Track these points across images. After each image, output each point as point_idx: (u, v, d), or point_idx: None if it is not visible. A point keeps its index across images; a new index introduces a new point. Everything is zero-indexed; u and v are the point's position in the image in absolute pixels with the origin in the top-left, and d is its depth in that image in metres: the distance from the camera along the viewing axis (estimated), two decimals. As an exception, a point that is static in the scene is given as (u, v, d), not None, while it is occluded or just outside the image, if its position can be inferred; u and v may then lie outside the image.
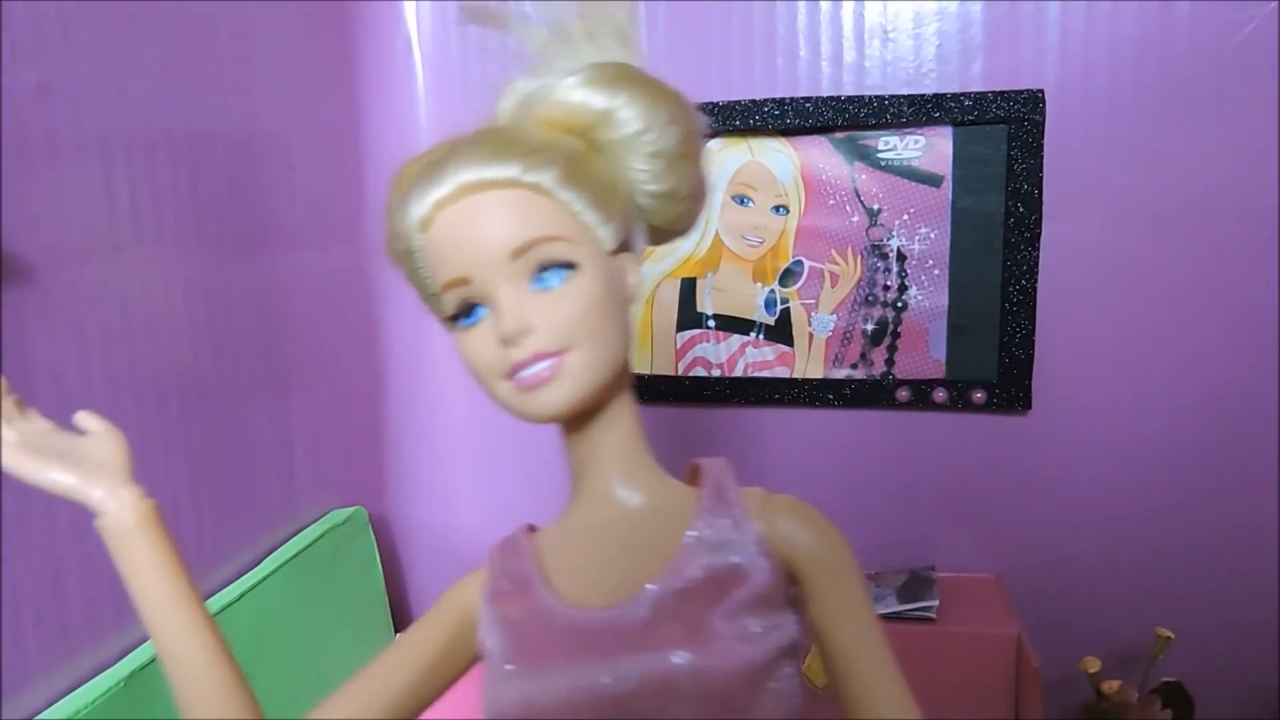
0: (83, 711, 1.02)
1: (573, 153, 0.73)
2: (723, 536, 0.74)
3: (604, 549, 0.77)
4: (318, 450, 1.61)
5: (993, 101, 1.49)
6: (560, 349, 0.70)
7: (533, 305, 0.70)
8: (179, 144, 1.27)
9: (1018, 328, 1.53)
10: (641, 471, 0.80)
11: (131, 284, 1.18)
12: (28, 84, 1.02)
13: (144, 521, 0.76)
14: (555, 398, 0.70)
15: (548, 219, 0.71)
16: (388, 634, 1.71)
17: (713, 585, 0.71)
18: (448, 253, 0.72)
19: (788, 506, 0.77)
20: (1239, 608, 1.51)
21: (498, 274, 0.70)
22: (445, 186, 0.71)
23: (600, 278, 0.73)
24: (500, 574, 0.80)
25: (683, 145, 0.77)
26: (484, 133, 0.74)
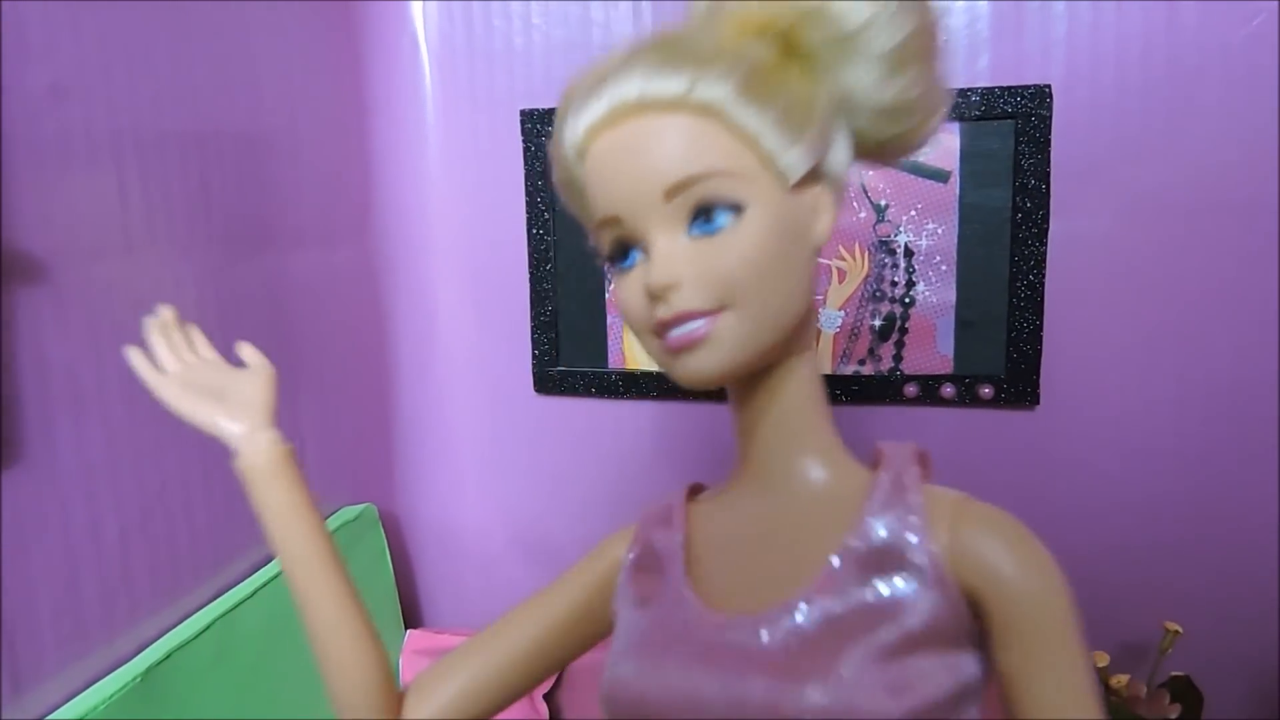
0: (100, 707, 1.03)
1: (758, 61, 0.60)
2: (890, 548, 0.60)
3: (756, 540, 0.67)
4: (328, 448, 1.62)
5: (1000, 97, 1.49)
6: (714, 307, 0.60)
7: (687, 253, 0.60)
8: (189, 143, 1.28)
9: (1025, 323, 1.53)
10: (813, 449, 0.68)
11: (144, 282, 1.19)
12: (41, 84, 1.03)
13: (277, 465, 0.76)
14: (705, 364, 0.61)
15: (715, 148, 0.59)
16: (398, 629, 1.72)
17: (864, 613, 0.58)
18: (600, 187, 0.63)
19: (989, 519, 0.61)
20: (1248, 602, 1.51)
21: (651, 215, 0.60)
22: (600, 107, 0.61)
23: (774, 221, 0.60)
24: (645, 544, 0.73)
25: (913, 43, 0.62)
26: (654, 40, 0.63)
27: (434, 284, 1.78)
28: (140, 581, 1.17)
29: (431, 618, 1.89)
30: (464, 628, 1.78)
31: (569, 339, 1.72)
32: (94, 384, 1.10)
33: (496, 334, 1.75)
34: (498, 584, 1.82)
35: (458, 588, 1.87)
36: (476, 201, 1.73)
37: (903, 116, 0.65)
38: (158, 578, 1.20)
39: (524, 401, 1.75)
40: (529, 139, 1.67)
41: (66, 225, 1.07)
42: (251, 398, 0.79)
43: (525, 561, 1.80)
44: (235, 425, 0.77)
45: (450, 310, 1.78)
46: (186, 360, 0.82)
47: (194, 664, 1.18)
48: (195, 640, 1.19)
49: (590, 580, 0.76)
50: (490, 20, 1.69)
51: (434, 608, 1.89)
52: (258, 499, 0.76)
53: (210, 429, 0.78)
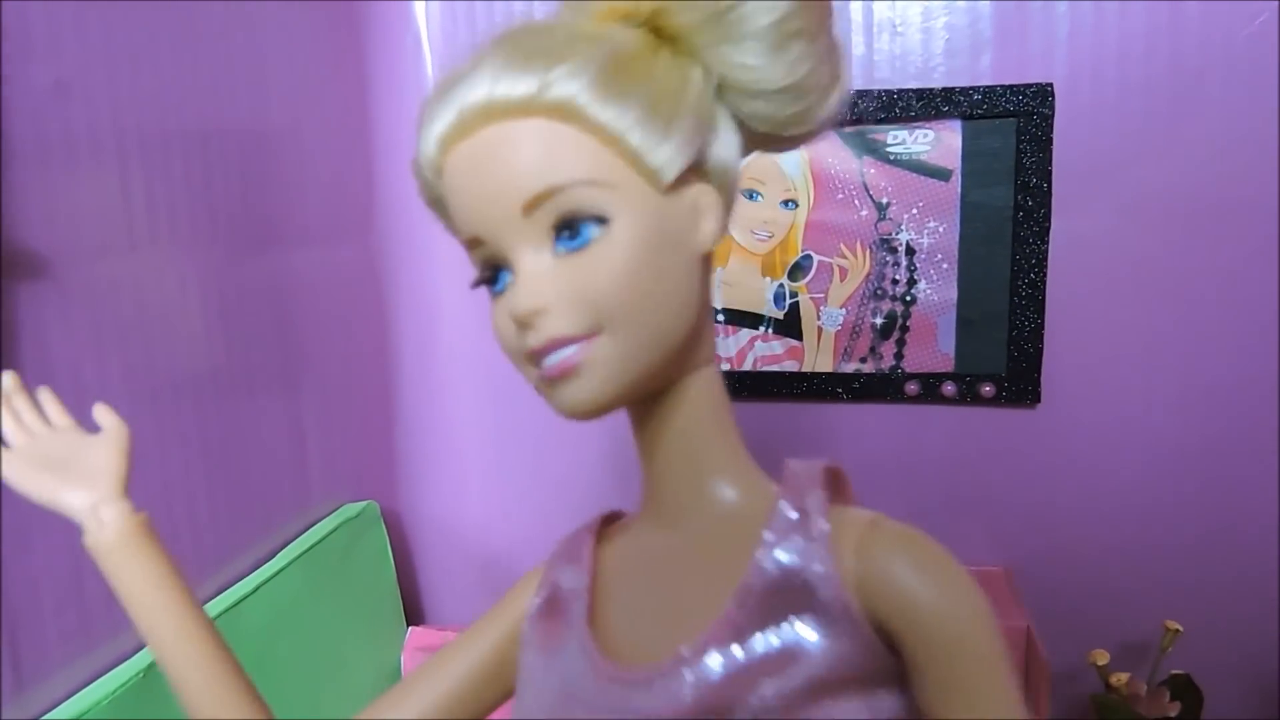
0: (102, 703, 1.04)
1: (616, 50, 0.54)
2: (792, 583, 0.54)
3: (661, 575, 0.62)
4: (330, 445, 1.62)
5: (1002, 95, 1.49)
6: (587, 332, 0.54)
7: (553, 273, 0.54)
8: (193, 141, 1.28)
9: (1027, 321, 1.53)
10: (717, 471, 0.61)
11: (147, 281, 1.19)
12: (45, 82, 1.03)
13: (127, 539, 0.70)
14: (580, 395, 0.55)
15: (573, 155, 0.53)
16: (399, 626, 1.72)
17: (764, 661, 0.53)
18: (458, 206, 0.57)
19: (898, 542, 0.54)
20: (1248, 601, 1.52)
21: (511, 233, 0.54)
22: (448, 116, 0.55)
23: (647, 230, 0.54)
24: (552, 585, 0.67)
25: (796, 17, 0.56)
26: (502, 38, 0.57)
27: (436, 282, 1.79)
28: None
29: (433, 615, 1.90)
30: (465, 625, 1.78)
31: (571, 337, 1.72)
32: (97, 381, 1.10)
33: (498, 332, 1.75)
34: (499, 581, 1.83)
35: (459, 585, 1.88)
36: (479, 199, 1.74)
37: (793, 98, 0.59)
38: (160, 574, 1.21)
39: (525, 399, 1.73)
40: (531, 137, 1.67)
41: (70, 223, 1.07)
42: (99, 466, 0.73)
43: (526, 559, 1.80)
44: (77, 498, 0.71)
45: (453, 308, 1.78)
46: (33, 431, 0.75)
47: (196, 660, 1.18)
48: (198, 636, 1.19)
49: (499, 631, 0.71)
50: (493, 20, 1.69)
51: (435, 605, 1.90)
52: (110, 577, 0.70)
53: (53, 505, 0.72)
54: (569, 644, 0.63)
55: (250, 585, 1.32)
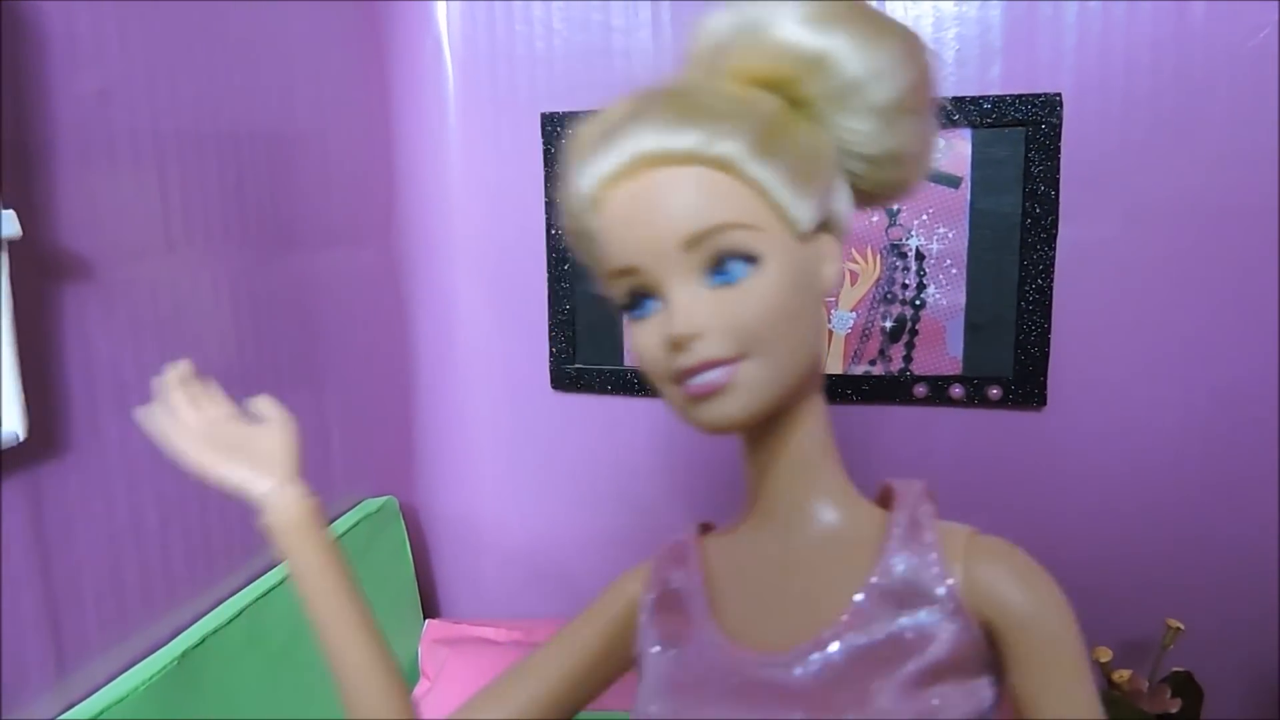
0: (140, 688, 1.08)
1: (769, 116, 0.62)
2: (911, 584, 0.63)
3: (777, 578, 0.68)
4: (351, 442, 1.66)
5: (1011, 104, 1.52)
6: (735, 356, 0.60)
7: (707, 303, 0.60)
8: (225, 145, 1.32)
9: (1034, 326, 1.56)
10: (825, 490, 0.69)
11: (183, 281, 1.23)
12: (89, 89, 1.07)
13: (306, 521, 0.75)
14: (727, 411, 0.61)
15: (731, 201, 0.60)
16: (417, 619, 1.76)
17: (892, 646, 0.61)
18: (616, 238, 0.63)
19: (997, 552, 0.65)
20: (1248, 600, 1.54)
21: (668, 265, 0.61)
22: (614, 160, 0.62)
23: (788, 270, 0.61)
24: (663, 584, 0.73)
25: (909, 97, 0.64)
26: (664, 93, 0.64)
27: (454, 282, 1.82)
28: (178, 568, 1.22)
29: (449, 608, 1.93)
30: (481, 618, 1.82)
31: (585, 337, 1.75)
32: (136, 378, 1.14)
33: (515, 332, 1.79)
34: (514, 575, 1.87)
35: (475, 579, 1.91)
36: (497, 202, 1.77)
37: (896, 166, 0.67)
38: (194, 565, 1.25)
39: (541, 398, 1.78)
40: (549, 141, 1.71)
41: (112, 226, 1.11)
42: (274, 452, 0.78)
43: (541, 554, 1.84)
44: (261, 481, 0.76)
45: (470, 308, 1.82)
46: (208, 414, 0.81)
47: (227, 648, 1.22)
48: (228, 625, 1.23)
49: (608, 621, 0.76)
50: (512, 24, 1.72)
51: (452, 598, 1.93)
52: (289, 555, 0.75)
53: (236, 486, 0.77)
54: (695, 635, 0.68)
55: (274, 578, 1.36)
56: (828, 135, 0.65)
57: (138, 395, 1.14)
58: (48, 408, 1.02)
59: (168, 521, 1.20)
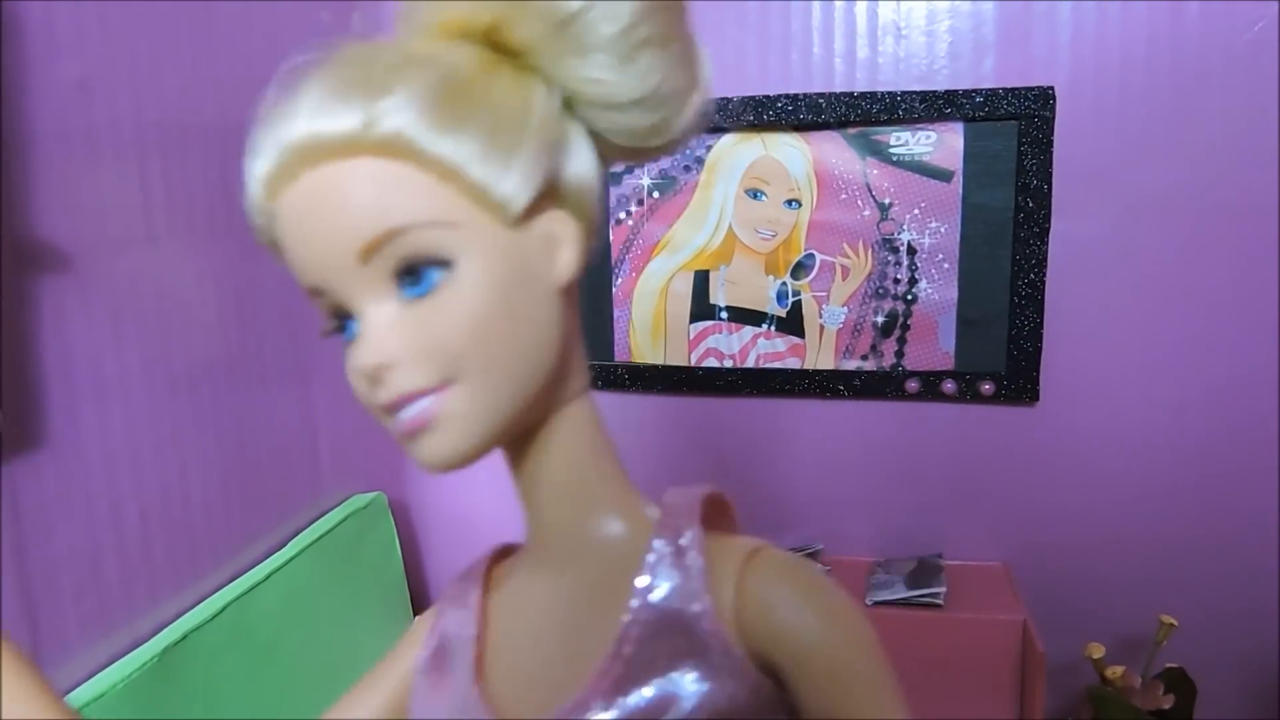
0: (119, 685, 1.06)
1: (450, 73, 0.49)
2: (670, 623, 0.51)
3: (546, 620, 0.58)
4: (340, 437, 1.65)
5: (1004, 98, 1.51)
6: (438, 384, 0.49)
7: (401, 323, 0.49)
8: (209, 137, 1.30)
9: (1026, 321, 1.56)
10: (598, 508, 0.57)
11: (165, 274, 1.22)
12: (68, 79, 1.06)
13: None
14: (438, 450, 0.50)
15: (409, 193, 0.48)
16: (406, 615, 1.75)
17: (655, 705, 0.50)
18: (293, 255, 0.52)
19: (779, 572, 0.52)
20: (1241, 596, 1.54)
21: (350, 283, 0.49)
22: (270, 157, 0.50)
23: (495, 269, 0.49)
24: (441, 633, 0.63)
25: (643, 24, 0.51)
26: (325, 64, 0.52)
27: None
28: (159, 564, 1.20)
29: (439, 605, 1.92)
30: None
31: (576, 332, 1.74)
32: (116, 371, 1.13)
33: (505, 327, 1.77)
34: (504, 573, 1.85)
35: (465, 576, 1.90)
36: (487, 196, 1.76)
37: (648, 109, 0.53)
38: (176, 560, 1.23)
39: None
40: (539, 135, 1.70)
41: (91, 217, 1.10)
42: None
43: (532, 551, 1.83)
44: None
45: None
46: None
47: (210, 645, 1.21)
48: (211, 622, 1.22)
49: (391, 684, 0.65)
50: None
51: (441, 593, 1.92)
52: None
53: None
54: (455, 697, 0.58)
55: (263, 572, 1.35)
56: (545, 86, 0.52)
57: (117, 389, 1.14)
58: (24, 401, 1.01)
59: (148, 516, 1.19)
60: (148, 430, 1.18)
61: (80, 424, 1.08)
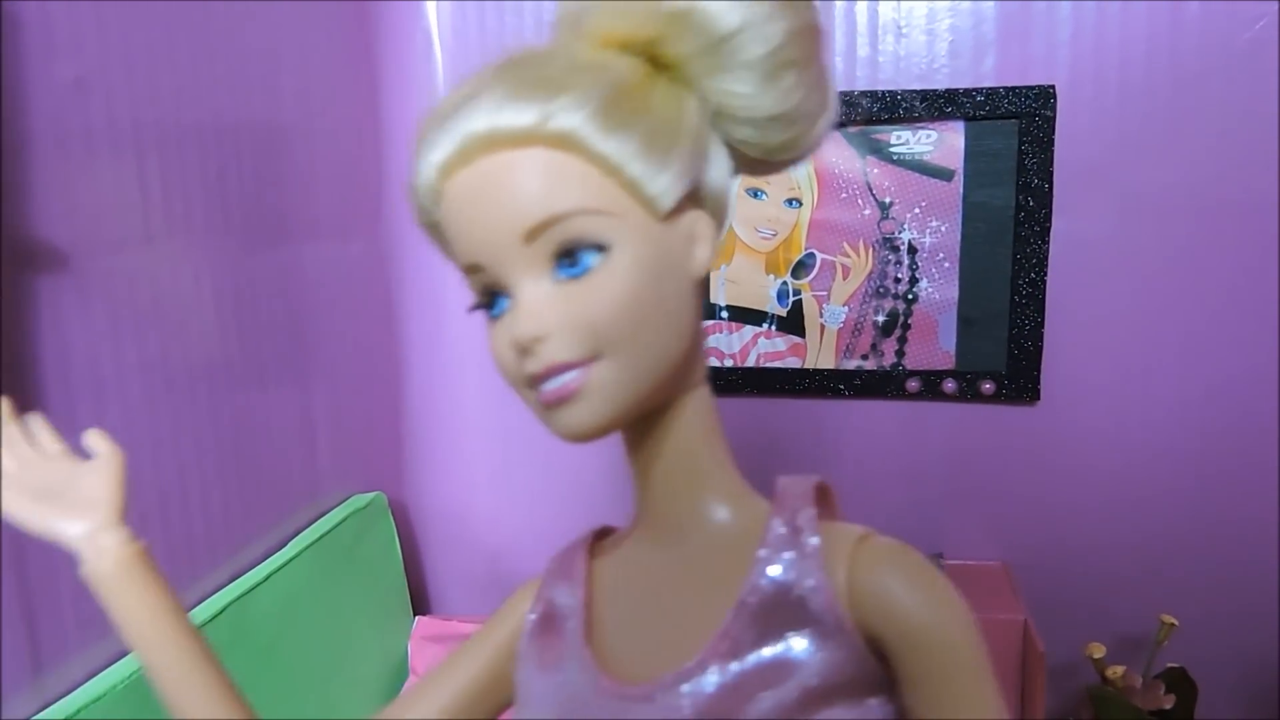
0: (117, 687, 1.06)
1: (618, 82, 0.55)
2: (787, 597, 0.55)
3: (657, 592, 0.62)
4: (339, 436, 1.65)
5: (1004, 97, 1.51)
6: (586, 357, 0.54)
7: (554, 300, 0.54)
8: (208, 137, 1.30)
9: (1027, 320, 1.55)
10: (712, 493, 0.62)
11: (163, 273, 1.21)
12: (65, 78, 1.05)
13: (126, 569, 0.68)
14: (580, 418, 0.56)
15: (574, 184, 0.53)
16: (406, 616, 1.74)
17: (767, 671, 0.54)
18: (458, 233, 0.57)
19: (887, 557, 0.56)
20: (1242, 595, 1.54)
21: (512, 260, 0.55)
22: (448, 145, 0.55)
23: (645, 257, 0.55)
24: (547, 601, 0.67)
25: (788, 49, 0.56)
26: (506, 64, 0.57)
27: (444, 276, 1.79)
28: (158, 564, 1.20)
29: (440, 605, 1.92)
30: (471, 615, 1.80)
31: (576, 332, 1.74)
32: (114, 371, 1.12)
33: (505, 326, 1.77)
34: (505, 571, 1.85)
35: (466, 575, 1.90)
36: (486, 195, 1.76)
37: (783, 125, 0.60)
38: (174, 562, 1.23)
39: (531, 393, 1.77)
40: (539, 134, 1.69)
41: (89, 216, 1.09)
42: (95, 493, 0.70)
43: (532, 549, 1.82)
44: (74, 527, 0.68)
45: (460, 302, 1.78)
46: (22, 456, 0.72)
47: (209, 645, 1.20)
48: (210, 623, 1.21)
49: (495, 645, 0.69)
50: (503, 17, 1.71)
51: (442, 595, 1.92)
52: (110, 607, 0.68)
53: (47, 535, 0.69)
54: (568, 661, 0.62)
55: (263, 573, 1.34)
56: (696, 98, 0.58)
57: (115, 388, 1.13)
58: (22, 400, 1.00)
59: (147, 517, 1.18)
60: (146, 430, 1.18)
61: (78, 423, 1.07)
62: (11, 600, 0.99)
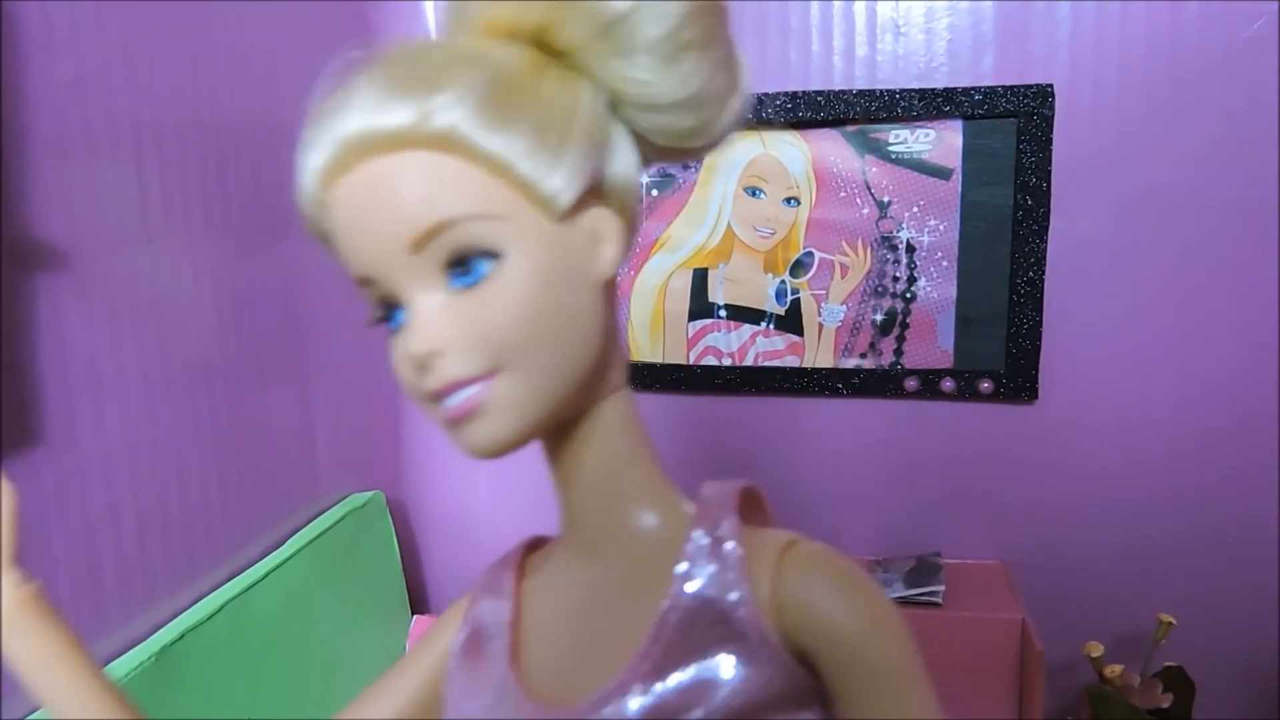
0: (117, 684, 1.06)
1: (500, 73, 0.51)
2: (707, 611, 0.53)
3: (582, 608, 0.60)
4: (338, 436, 1.65)
5: (1002, 96, 1.51)
6: (485, 372, 0.51)
7: (449, 312, 0.51)
8: (207, 136, 1.30)
9: (1025, 319, 1.55)
10: (634, 499, 0.59)
11: (162, 272, 1.21)
12: (64, 77, 1.05)
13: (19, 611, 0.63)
14: (485, 436, 0.52)
15: (459, 187, 0.50)
16: (404, 614, 1.75)
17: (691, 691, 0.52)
18: (345, 245, 0.54)
19: (814, 563, 0.53)
20: (1240, 594, 1.54)
21: (400, 272, 0.51)
22: (325, 149, 0.52)
23: (542, 261, 0.51)
24: (475, 620, 0.64)
25: (688, 28, 0.52)
26: (379, 61, 0.53)
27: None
28: (156, 563, 1.20)
29: (437, 603, 1.92)
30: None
31: (575, 331, 1.74)
32: (113, 370, 1.12)
33: (504, 325, 1.77)
34: (503, 571, 1.85)
35: (464, 574, 1.89)
36: (485, 194, 1.76)
37: (689, 110, 0.55)
38: (173, 559, 1.23)
39: (530, 392, 1.77)
40: (537, 133, 1.69)
41: (88, 215, 1.09)
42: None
43: (530, 549, 1.82)
44: None
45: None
46: None
47: (207, 644, 1.21)
48: (209, 621, 1.22)
49: (427, 667, 0.66)
50: (500, 15, 1.70)
51: (440, 594, 1.92)
52: (8, 653, 0.63)
53: None
54: (491, 682, 0.60)
55: (261, 571, 1.34)
56: (592, 86, 0.54)
57: (114, 387, 1.13)
58: (20, 399, 1.00)
59: (146, 515, 1.18)
60: (145, 429, 1.18)
61: (77, 423, 1.08)
62: (9, 598, 0.99)
